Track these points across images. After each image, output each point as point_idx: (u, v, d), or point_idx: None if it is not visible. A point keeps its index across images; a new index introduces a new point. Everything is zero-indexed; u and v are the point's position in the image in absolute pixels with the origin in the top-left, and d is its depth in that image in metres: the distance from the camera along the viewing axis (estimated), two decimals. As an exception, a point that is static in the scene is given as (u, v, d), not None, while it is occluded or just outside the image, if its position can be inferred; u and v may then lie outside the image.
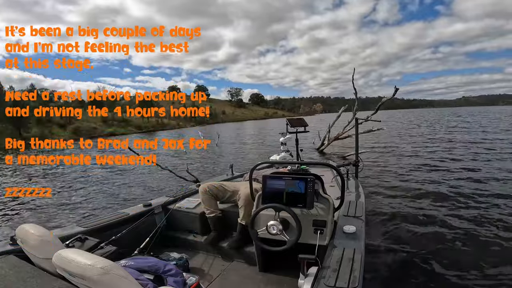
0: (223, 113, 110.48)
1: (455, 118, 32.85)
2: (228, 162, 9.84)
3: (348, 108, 10.83)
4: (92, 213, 5.10)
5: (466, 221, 3.61)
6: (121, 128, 51.65)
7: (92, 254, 1.11)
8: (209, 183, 2.45)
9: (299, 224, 1.66)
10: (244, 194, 2.16)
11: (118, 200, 5.89)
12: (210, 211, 2.36)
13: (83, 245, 1.74)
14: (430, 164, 7.36)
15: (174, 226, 2.55)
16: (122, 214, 2.37)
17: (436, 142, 12.00)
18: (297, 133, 4.50)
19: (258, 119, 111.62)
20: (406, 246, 3.07)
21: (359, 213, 1.95)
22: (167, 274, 1.50)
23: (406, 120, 36.38)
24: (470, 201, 4.33)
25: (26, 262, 1.35)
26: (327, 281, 1.23)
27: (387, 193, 5.06)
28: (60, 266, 1.05)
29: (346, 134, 10.36)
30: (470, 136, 13.27)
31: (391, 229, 3.54)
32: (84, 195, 6.50)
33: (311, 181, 1.77)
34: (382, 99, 9.56)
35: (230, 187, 2.48)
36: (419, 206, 4.31)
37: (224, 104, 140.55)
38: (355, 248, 1.48)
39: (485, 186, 5.06)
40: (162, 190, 6.31)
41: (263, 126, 43.18)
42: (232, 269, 2.15)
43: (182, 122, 73.07)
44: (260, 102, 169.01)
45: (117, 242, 1.92)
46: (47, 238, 1.36)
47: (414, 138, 14.35)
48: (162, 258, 1.98)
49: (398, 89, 8.73)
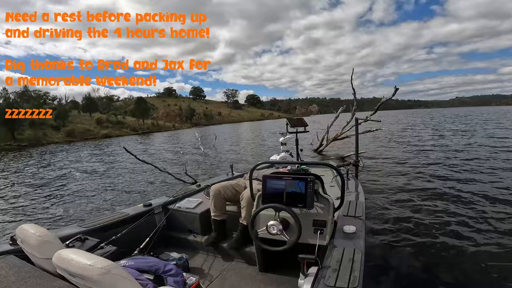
0: (219, 114, 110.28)
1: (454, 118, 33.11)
2: (226, 163, 9.86)
3: (345, 108, 10.89)
4: (92, 213, 5.09)
5: (466, 221, 3.63)
6: (116, 130, 51.23)
7: (92, 254, 1.11)
8: (220, 184, 2.39)
9: (299, 224, 1.66)
10: (248, 194, 2.14)
11: (118, 200, 5.89)
12: (217, 214, 2.31)
13: (83, 245, 1.73)
14: (430, 164, 7.43)
15: (174, 226, 2.53)
16: (122, 214, 2.36)
17: (436, 142, 12.10)
18: (297, 133, 4.51)
19: (254, 120, 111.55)
20: (406, 246, 3.08)
21: (359, 213, 1.95)
22: (167, 274, 1.50)
23: (405, 120, 36.63)
24: (471, 201, 4.36)
25: (26, 262, 1.35)
26: (327, 281, 1.23)
27: (387, 193, 5.09)
28: (60, 266, 1.05)
29: (345, 135, 10.40)
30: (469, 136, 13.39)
31: (391, 229, 3.56)
32: (84, 195, 6.49)
33: (311, 181, 1.77)
34: (382, 99, 9.60)
35: (240, 187, 2.42)
36: (419, 206, 4.33)
37: (220, 105, 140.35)
38: (355, 248, 1.48)
39: (485, 186, 5.10)
40: (161, 190, 6.31)
41: (259, 127, 43.20)
42: (232, 269, 2.14)
43: (177, 123, 72.78)
44: (256, 104, 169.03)
45: (117, 242, 1.91)
46: (47, 238, 1.35)
47: (414, 138, 14.46)
48: (162, 258, 1.98)
49: (398, 89, 8.80)
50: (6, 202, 6.39)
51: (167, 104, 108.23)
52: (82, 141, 36.65)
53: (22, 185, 8.36)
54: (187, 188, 2.99)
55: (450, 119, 32.21)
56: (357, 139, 4.05)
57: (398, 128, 21.94)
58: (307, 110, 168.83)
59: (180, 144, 20.77)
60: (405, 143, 12.52)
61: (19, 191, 7.50)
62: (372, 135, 12.11)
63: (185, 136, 31.92)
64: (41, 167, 12.45)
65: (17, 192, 7.40)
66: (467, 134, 14.58)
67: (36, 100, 50.10)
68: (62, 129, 43.73)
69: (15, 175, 10.55)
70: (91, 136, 43.76)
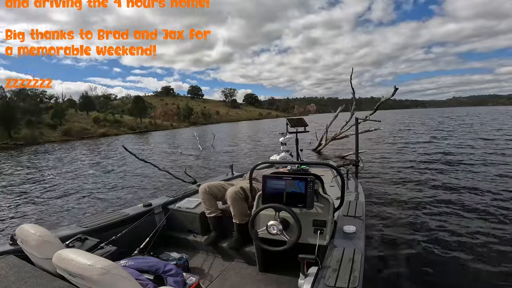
0: (217, 114, 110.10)
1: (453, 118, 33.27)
2: (224, 162, 9.86)
3: (344, 108, 10.91)
4: (92, 213, 5.08)
5: (466, 221, 3.64)
6: (114, 129, 51.02)
7: (92, 254, 1.11)
8: (209, 183, 2.44)
9: (299, 224, 1.66)
10: (229, 193, 2.16)
11: (118, 200, 5.89)
12: (210, 211, 2.35)
13: (83, 245, 1.73)
14: (430, 164, 7.47)
15: (174, 226, 2.53)
16: (122, 214, 2.35)
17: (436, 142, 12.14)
18: (297, 133, 4.52)
19: (252, 119, 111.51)
20: (406, 246, 3.09)
21: (359, 213, 1.95)
22: (167, 274, 1.50)
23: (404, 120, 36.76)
24: (472, 201, 4.37)
25: (26, 262, 1.34)
26: (327, 281, 1.23)
27: (387, 193, 5.10)
28: (60, 266, 1.05)
29: (344, 134, 10.42)
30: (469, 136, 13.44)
31: (391, 229, 3.56)
32: (83, 196, 6.48)
33: (311, 181, 1.77)
34: (380, 98, 9.63)
35: (228, 187, 2.47)
36: (419, 206, 4.34)
37: (218, 105, 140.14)
38: (355, 248, 1.48)
39: (488, 186, 5.12)
40: (161, 189, 6.32)
41: (258, 127, 43.21)
42: (232, 269, 2.14)
43: (175, 122, 72.61)
44: (254, 103, 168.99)
45: (117, 242, 1.91)
46: (47, 238, 1.35)
47: (413, 138, 14.50)
48: (162, 258, 1.98)
49: (398, 88, 8.84)
50: (6, 202, 6.36)
51: (165, 103, 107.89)
52: (79, 140, 36.52)
53: (21, 185, 8.32)
54: (187, 188, 2.99)
55: (447, 119, 32.35)
56: (357, 139, 4.05)
57: (397, 128, 21.97)
58: (305, 109, 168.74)
59: (178, 143, 20.73)
60: (405, 143, 12.56)
61: (19, 191, 7.47)
62: (372, 135, 12.13)
63: (183, 135, 31.87)
64: (40, 166, 12.41)
65: (17, 192, 7.37)
66: (467, 134, 14.64)
67: (33, 98, 49.70)
68: (59, 128, 43.54)
69: (14, 175, 10.50)
70: (88, 135, 43.58)
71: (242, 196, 2.15)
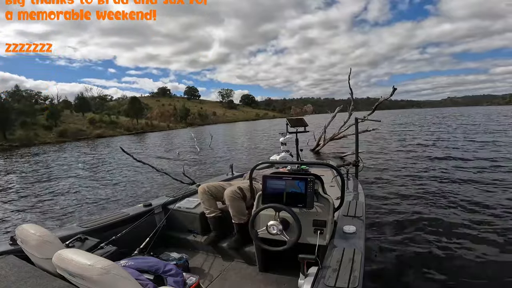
0: (213, 114, 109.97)
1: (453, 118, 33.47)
2: (223, 162, 9.84)
3: (342, 108, 10.95)
4: (91, 213, 5.06)
5: (466, 221, 3.64)
6: (110, 130, 50.72)
7: (92, 254, 1.11)
8: (208, 183, 2.44)
9: (299, 224, 1.66)
10: (227, 193, 2.17)
11: (118, 200, 5.87)
12: (210, 211, 2.35)
13: (83, 245, 1.73)
14: (430, 164, 7.50)
15: (174, 226, 2.53)
16: (122, 214, 2.35)
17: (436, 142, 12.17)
18: (297, 133, 4.52)
19: (249, 120, 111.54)
20: (406, 246, 3.09)
21: (359, 213, 1.96)
22: (167, 274, 1.50)
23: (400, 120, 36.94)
24: (472, 201, 4.37)
25: (26, 262, 1.34)
26: (327, 281, 1.23)
27: (387, 193, 5.11)
28: (60, 266, 1.05)
29: (342, 135, 10.45)
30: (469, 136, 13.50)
31: (391, 229, 3.57)
32: (83, 195, 6.47)
33: (311, 181, 1.77)
34: (378, 99, 9.64)
35: (227, 187, 2.47)
36: (419, 206, 4.35)
37: (215, 105, 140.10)
38: (355, 248, 1.48)
39: (488, 186, 5.13)
40: (159, 191, 6.30)
41: (255, 127, 43.22)
42: (232, 269, 2.14)
43: (172, 123, 72.39)
44: (251, 103, 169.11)
45: (117, 242, 1.90)
46: (47, 238, 1.35)
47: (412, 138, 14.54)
48: (162, 258, 1.97)
49: (396, 89, 8.84)
50: (6, 202, 6.32)
51: (161, 103, 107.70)
52: (74, 141, 36.27)
53: (21, 185, 8.28)
54: (187, 188, 2.98)
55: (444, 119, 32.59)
56: (357, 139, 4.05)
57: (396, 128, 22.07)
58: (302, 110, 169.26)
59: (175, 144, 20.66)
60: (405, 142, 12.61)
61: (18, 191, 7.42)
62: (371, 135, 12.18)
63: (180, 136, 31.76)
64: (38, 167, 12.31)
65: (16, 192, 7.33)
66: (466, 133, 14.72)
67: (28, 99, 49.30)
68: (54, 129, 43.20)
69: (13, 175, 10.43)
70: (83, 136, 43.30)
71: (239, 195, 2.15)
